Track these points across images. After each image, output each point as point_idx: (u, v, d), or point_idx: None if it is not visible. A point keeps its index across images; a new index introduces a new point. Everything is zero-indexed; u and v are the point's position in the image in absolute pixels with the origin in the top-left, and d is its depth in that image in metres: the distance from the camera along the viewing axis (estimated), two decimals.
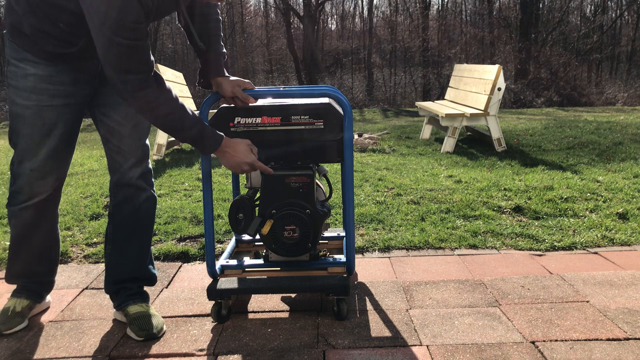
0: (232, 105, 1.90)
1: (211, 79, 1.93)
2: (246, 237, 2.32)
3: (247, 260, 2.10)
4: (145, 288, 1.99)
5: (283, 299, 2.11)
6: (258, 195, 2.00)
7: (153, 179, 1.95)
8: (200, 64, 1.96)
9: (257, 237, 2.27)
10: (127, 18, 1.46)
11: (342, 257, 2.04)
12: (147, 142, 1.91)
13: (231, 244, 2.29)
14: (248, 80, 1.92)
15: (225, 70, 1.94)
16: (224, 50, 1.95)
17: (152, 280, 1.99)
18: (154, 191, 1.95)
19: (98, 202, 3.56)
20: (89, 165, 5.08)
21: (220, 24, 1.94)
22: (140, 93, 1.57)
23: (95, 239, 2.88)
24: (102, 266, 2.49)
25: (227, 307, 1.95)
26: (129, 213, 1.88)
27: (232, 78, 1.91)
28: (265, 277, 1.96)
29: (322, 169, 2.08)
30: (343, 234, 2.31)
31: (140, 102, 1.59)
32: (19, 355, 1.72)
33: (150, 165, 1.92)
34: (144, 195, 1.90)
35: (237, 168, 1.79)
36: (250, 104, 1.88)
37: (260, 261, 2.07)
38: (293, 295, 2.14)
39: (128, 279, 1.92)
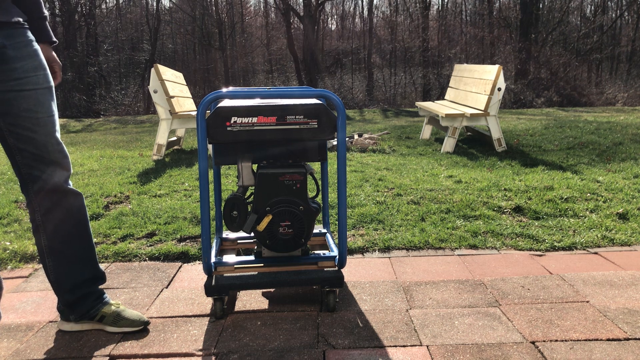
0: (229, 105, 1.90)
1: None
2: (231, 235, 2.38)
3: (240, 258, 2.12)
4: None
5: (283, 299, 2.11)
6: (249, 193, 2.03)
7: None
8: None
9: (243, 234, 2.33)
10: None
11: (327, 252, 2.12)
12: (58, 136, 1.75)
13: (215, 243, 2.31)
14: (58, 63, 1.83)
15: (50, 34, 1.80)
16: (45, 12, 1.79)
17: (104, 277, 1.94)
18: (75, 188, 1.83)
19: (98, 202, 3.56)
20: (89, 166, 5.08)
21: None
22: None
23: (95, 239, 2.87)
24: (103, 266, 2.49)
25: (223, 304, 1.97)
26: (62, 219, 1.77)
27: (51, 54, 1.80)
28: (261, 272, 2.00)
29: (309, 168, 2.11)
30: (324, 230, 2.40)
31: None
32: (19, 355, 1.73)
33: (70, 165, 1.79)
34: (71, 195, 1.78)
35: None
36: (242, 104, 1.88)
37: (252, 257, 2.11)
38: (293, 295, 2.14)
39: (86, 281, 1.85)
